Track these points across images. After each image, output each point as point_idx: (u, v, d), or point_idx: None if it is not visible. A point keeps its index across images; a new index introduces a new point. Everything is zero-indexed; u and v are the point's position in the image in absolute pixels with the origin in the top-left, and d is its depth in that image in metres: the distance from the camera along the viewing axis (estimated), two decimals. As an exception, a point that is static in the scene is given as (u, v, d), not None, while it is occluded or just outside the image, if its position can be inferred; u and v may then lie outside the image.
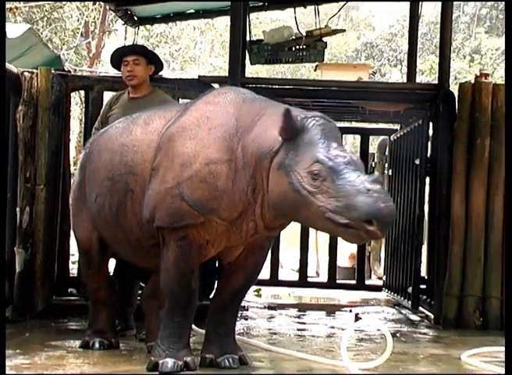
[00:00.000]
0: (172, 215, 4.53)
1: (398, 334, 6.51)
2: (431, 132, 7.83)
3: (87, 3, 18.64)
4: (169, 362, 4.43)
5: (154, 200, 4.62)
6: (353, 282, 9.77)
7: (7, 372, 4.32)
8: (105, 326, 5.36)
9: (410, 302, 7.91)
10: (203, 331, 5.17)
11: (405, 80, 10.17)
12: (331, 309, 8.33)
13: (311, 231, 10.15)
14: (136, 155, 4.81)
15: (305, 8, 9.71)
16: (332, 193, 4.05)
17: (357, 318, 7.51)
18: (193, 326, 5.20)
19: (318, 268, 12.14)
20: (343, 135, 10.10)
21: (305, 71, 26.79)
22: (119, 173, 4.88)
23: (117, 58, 6.33)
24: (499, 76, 21.38)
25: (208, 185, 4.39)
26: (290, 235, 10.54)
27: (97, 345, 5.25)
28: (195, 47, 26.36)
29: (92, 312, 5.44)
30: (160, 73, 6.81)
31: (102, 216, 5.00)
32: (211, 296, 5.53)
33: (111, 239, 5.11)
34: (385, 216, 4.00)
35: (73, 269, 7.41)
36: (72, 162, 7.97)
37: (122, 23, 10.84)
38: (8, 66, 6.71)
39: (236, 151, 4.39)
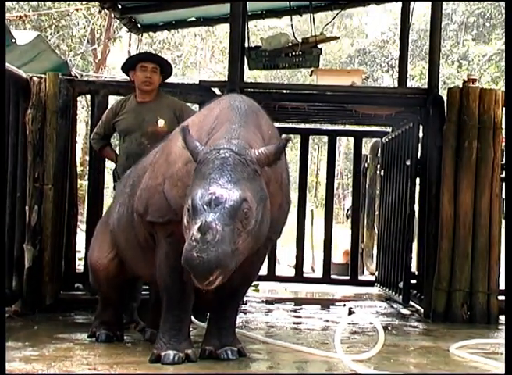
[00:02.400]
0: (158, 210, 4.62)
1: (389, 327, 6.58)
2: (421, 134, 7.85)
3: (93, 11, 18.63)
4: (171, 354, 4.49)
5: (147, 194, 4.73)
6: (347, 277, 9.80)
7: (16, 363, 4.45)
8: (112, 319, 5.44)
9: (401, 297, 7.99)
10: (203, 324, 5.31)
11: (396, 85, 10.11)
12: (325, 304, 8.37)
13: (307, 229, 10.34)
14: (150, 157, 5.01)
15: (301, 16, 9.79)
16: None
17: (350, 312, 7.48)
18: (194, 319, 5.30)
19: (314, 264, 12.10)
20: (337, 137, 10.30)
21: (301, 76, 26.77)
22: (137, 176, 5.01)
23: (132, 63, 6.38)
24: (486, 82, 21.50)
25: (183, 184, 4.38)
26: (287, 233, 10.69)
27: (103, 337, 5.34)
28: (196, 53, 26.33)
29: (100, 305, 5.54)
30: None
31: (122, 223, 5.10)
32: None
33: (127, 250, 5.13)
34: (195, 267, 3.87)
35: (80, 265, 7.41)
36: (78, 163, 8.05)
37: (127, 30, 10.68)
38: (18, 71, 6.79)
39: None
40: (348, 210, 12.50)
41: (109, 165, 6.84)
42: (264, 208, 4.20)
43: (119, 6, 9.24)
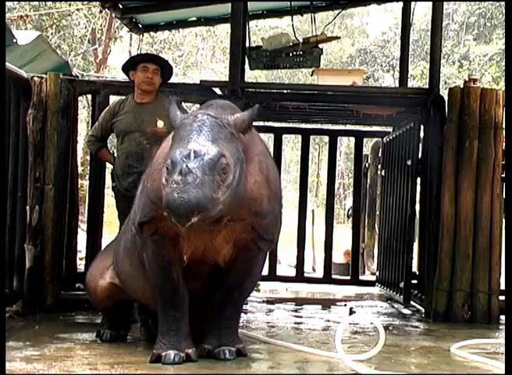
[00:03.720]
0: (143, 209, 4.67)
1: (390, 327, 6.58)
2: (422, 134, 7.84)
3: (93, 11, 18.65)
4: (171, 354, 4.49)
5: (137, 198, 4.83)
6: (348, 277, 9.81)
7: (17, 362, 4.46)
8: (116, 319, 5.47)
9: (401, 297, 7.99)
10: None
11: (397, 85, 10.11)
12: (326, 303, 8.37)
13: (308, 229, 10.36)
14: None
15: (302, 16, 9.79)
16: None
17: (351, 312, 7.51)
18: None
19: (315, 264, 12.15)
20: (338, 137, 10.30)
21: (302, 76, 26.84)
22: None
23: (134, 63, 6.39)
24: (486, 81, 21.52)
25: (161, 175, 4.40)
26: (288, 233, 10.70)
27: (107, 336, 5.37)
28: (197, 53, 26.38)
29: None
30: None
31: (127, 247, 5.11)
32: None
33: (131, 278, 5.13)
34: (176, 207, 3.96)
35: (81, 265, 7.42)
36: (79, 163, 8.06)
37: (128, 30, 10.75)
38: (19, 71, 6.79)
39: None
40: (349, 210, 12.54)
41: (110, 165, 6.85)
42: (242, 169, 4.31)
43: (120, 6, 9.25)
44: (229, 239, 4.65)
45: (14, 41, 8.43)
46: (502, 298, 6.90)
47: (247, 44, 8.28)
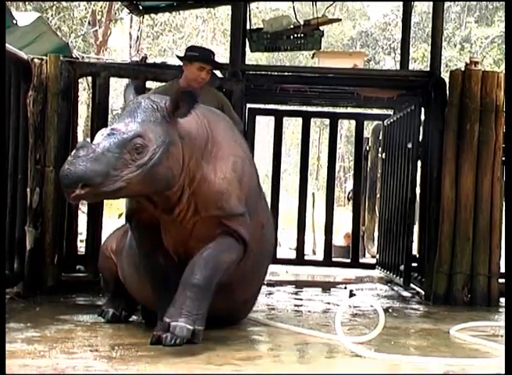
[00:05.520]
0: (128, 202, 4.84)
1: (390, 310, 6.60)
2: (423, 117, 7.86)
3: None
4: (169, 336, 4.35)
5: None
6: (348, 260, 9.87)
7: (18, 344, 4.48)
8: (120, 299, 5.51)
9: (401, 279, 8.04)
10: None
11: (398, 68, 10.05)
12: (326, 286, 8.38)
13: (308, 212, 10.38)
14: None
15: None
16: None
17: (351, 294, 7.53)
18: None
19: (315, 247, 12.18)
20: (339, 120, 10.31)
21: (303, 58, 26.80)
22: None
23: (195, 59, 6.26)
24: (488, 64, 21.48)
25: None
26: (288, 216, 10.72)
27: (109, 315, 5.43)
28: (197, 35, 26.33)
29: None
30: (164, 60, 6.93)
31: (126, 247, 5.29)
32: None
33: (129, 277, 5.32)
34: (62, 177, 4.07)
35: (81, 248, 7.39)
36: (79, 146, 8.05)
37: (128, 11, 10.74)
38: (19, 52, 6.74)
39: None
40: (349, 193, 12.54)
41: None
42: (166, 152, 4.33)
43: (120, -13, 9.23)
44: (201, 238, 4.66)
45: (14, 22, 8.41)
46: (502, 280, 6.93)
47: (248, 27, 8.27)
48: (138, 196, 4.50)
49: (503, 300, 7.00)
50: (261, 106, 9.75)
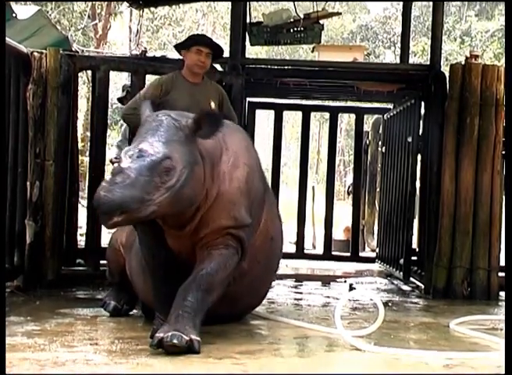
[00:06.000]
0: None
1: (390, 304, 6.61)
2: (423, 111, 7.86)
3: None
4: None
5: None
6: (348, 254, 9.87)
7: (19, 337, 4.50)
8: (122, 292, 5.54)
9: (401, 273, 8.06)
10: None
11: (398, 61, 10.04)
12: (326, 280, 8.38)
13: (308, 206, 10.38)
14: None
15: None
16: None
17: (351, 288, 7.55)
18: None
19: (315, 241, 12.15)
20: (339, 114, 10.31)
21: (303, 52, 26.78)
22: None
23: (189, 45, 6.23)
24: (488, 58, 21.46)
25: None
26: (288, 209, 10.69)
27: (110, 307, 5.45)
28: (197, 29, 26.25)
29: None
30: (164, 54, 6.92)
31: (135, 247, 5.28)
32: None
33: (136, 276, 5.32)
34: (99, 205, 4.03)
35: (81, 241, 7.40)
36: (79, 139, 8.04)
37: (128, 5, 10.74)
38: (18, 46, 6.73)
39: None
40: (349, 187, 12.54)
41: (110, 141, 6.82)
42: (192, 172, 4.35)
43: (120, -19, 9.22)
44: (206, 245, 4.67)
45: (14, 15, 8.40)
46: (501, 274, 6.93)
47: (248, 20, 8.24)
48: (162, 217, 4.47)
49: (502, 294, 7.02)
50: (261, 100, 9.75)
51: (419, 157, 8.01)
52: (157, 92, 6.15)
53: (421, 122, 7.91)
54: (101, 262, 7.00)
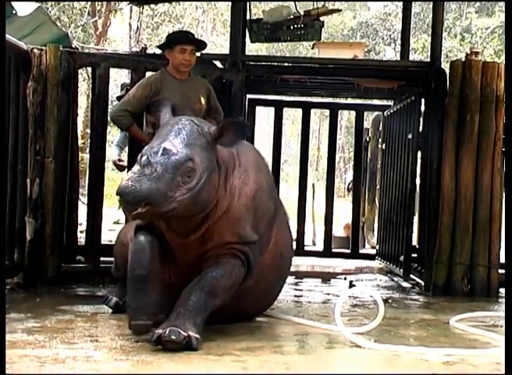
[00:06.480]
0: None
1: (390, 300, 6.60)
2: (423, 108, 7.87)
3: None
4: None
5: None
6: (348, 251, 9.89)
7: (19, 334, 4.49)
8: (125, 289, 5.36)
9: (401, 270, 8.09)
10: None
11: (398, 58, 10.08)
12: (326, 277, 8.39)
13: (308, 202, 10.38)
14: None
15: None
16: None
17: (351, 285, 7.56)
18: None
19: (315, 237, 12.20)
20: (339, 111, 10.31)
21: (303, 49, 26.81)
22: None
23: (171, 44, 6.27)
24: (488, 54, 21.44)
25: None
26: (288, 206, 10.71)
27: (112, 303, 5.43)
28: (197, 25, 26.33)
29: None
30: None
31: None
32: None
33: None
34: (126, 194, 4.08)
35: (81, 238, 7.41)
36: (79, 136, 8.04)
37: (128, 2, 10.74)
38: (18, 43, 6.72)
39: None
40: (349, 184, 12.56)
41: (110, 138, 6.82)
42: (209, 178, 4.42)
43: (120, -22, 9.21)
44: (207, 257, 4.68)
45: (13, 12, 8.40)
46: (501, 271, 6.94)
47: (248, 17, 8.26)
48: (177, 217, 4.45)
49: (502, 290, 7.04)
50: (261, 97, 9.75)
51: (419, 154, 8.01)
52: (147, 92, 6.21)
53: (422, 119, 7.91)
54: (102, 259, 7.04)
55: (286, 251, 5.35)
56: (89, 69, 8.36)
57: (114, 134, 15.38)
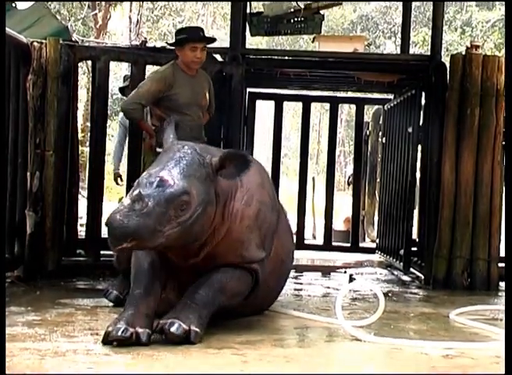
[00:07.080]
0: None
1: (390, 294, 6.61)
2: (423, 102, 7.86)
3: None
4: (120, 328, 4.16)
5: None
6: (348, 245, 9.89)
7: (19, 327, 4.50)
8: (127, 284, 5.32)
9: (401, 264, 8.09)
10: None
11: (399, 52, 10.06)
12: (326, 270, 8.41)
13: (308, 196, 10.38)
14: None
15: None
16: None
17: (351, 279, 7.55)
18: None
19: (315, 231, 12.21)
20: (339, 105, 10.30)
21: (303, 43, 26.73)
22: None
23: (182, 42, 6.24)
24: (489, 48, 21.41)
25: None
26: (288, 200, 10.72)
27: (112, 297, 5.44)
28: (198, 19, 26.24)
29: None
30: (164, 44, 6.92)
31: None
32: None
33: None
34: (113, 228, 4.01)
35: (81, 232, 7.41)
36: (79, 130, 8.03)
37: (128, -4, 10.80)
38: (18, 36, 6.72)
39: None
40: (349, 177, 12.56)
41: (110, 131, 6.82)
42: (204, 211, 4.32)
43: (120, -29, 9.20)
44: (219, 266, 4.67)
45: (13, 5, 8.39)
46: (501, 264, 6.94)
47: (248, 10, 8.23)
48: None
49: (502, 284, 7.05)
50: (262, 90, 9.75)
51: (419, 147, 8.01)
52: (161, 86, 6.19)
53: (422, 112, 7.90)
54: (102, 252, 7.05)
55: (287, 257, 5.35)
56: (89, 62, 8.36)
57: (114, 128, 15.37)
